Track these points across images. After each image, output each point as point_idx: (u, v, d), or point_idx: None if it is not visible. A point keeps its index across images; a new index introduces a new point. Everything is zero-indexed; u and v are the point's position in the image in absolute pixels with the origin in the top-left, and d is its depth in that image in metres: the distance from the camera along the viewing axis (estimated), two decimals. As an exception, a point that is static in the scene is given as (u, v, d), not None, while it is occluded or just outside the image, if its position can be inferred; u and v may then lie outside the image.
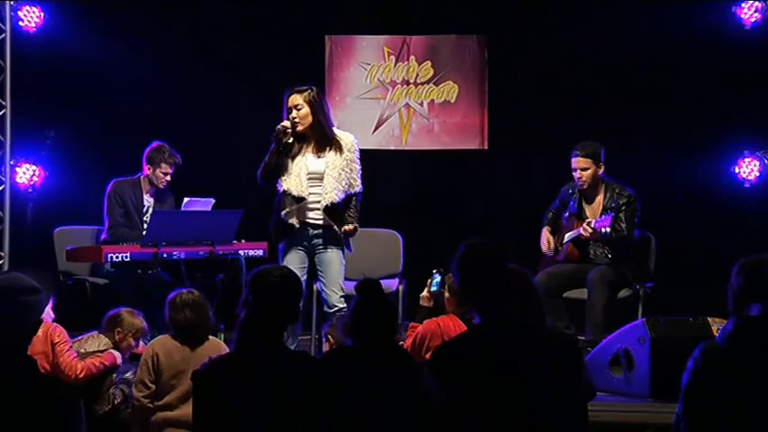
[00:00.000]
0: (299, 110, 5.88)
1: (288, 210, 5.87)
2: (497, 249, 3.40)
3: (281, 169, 5.92)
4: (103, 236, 6.79)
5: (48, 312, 5.10)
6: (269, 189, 6.01)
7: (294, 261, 5.87)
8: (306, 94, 5.90)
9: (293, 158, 5.91)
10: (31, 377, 2.86)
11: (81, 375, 4.94)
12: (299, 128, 5.89)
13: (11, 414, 2.77)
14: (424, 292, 5.20)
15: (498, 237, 7.66)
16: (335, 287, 5.90)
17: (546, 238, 6.73)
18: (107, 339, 5.17)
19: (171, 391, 4.59)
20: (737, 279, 3.37)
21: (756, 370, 3.18)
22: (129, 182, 6.88)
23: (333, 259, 5.93)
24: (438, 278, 5.11)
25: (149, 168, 6.81)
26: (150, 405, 4.61)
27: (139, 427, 4.70)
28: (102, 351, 5.12)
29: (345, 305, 5.71)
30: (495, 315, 3.25)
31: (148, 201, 6.88)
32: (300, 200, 5.88)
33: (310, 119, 5.90)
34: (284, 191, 5.90)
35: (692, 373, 3.26)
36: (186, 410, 4.44)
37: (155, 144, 6.83)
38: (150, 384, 4.61)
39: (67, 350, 4.97)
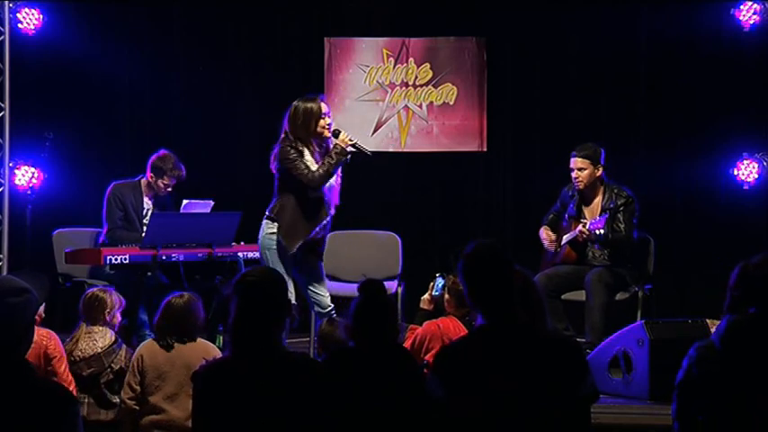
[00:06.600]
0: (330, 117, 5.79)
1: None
2: (505, 250, 3.39)
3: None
4: (102, 238, 6.78)
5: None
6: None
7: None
8: None
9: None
10: (27, 381, 2.83)
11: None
12: None
13: (5, 419, 2.76)
14: (426, 295, 5.19)
15: (497, 238, 7.68)
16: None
17: (546, 233, 6.68)
18: (105, 327, 5.11)
19: (155, 392, 4.66)
20: (736, 282, 3.38)
21: (750, 368, 3.20)
22: (128, 185, 6.83)
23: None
24: (441, 282, 5.09)
25: (152, 176, 6.73)
26: (136, 407, 4.70)
27: (128, 428, 4.77)
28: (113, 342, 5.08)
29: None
30: (501, 316, 3.24)
31: (148, 203, 6.83)
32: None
33: None
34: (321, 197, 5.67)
35: (686, 371, 3.29)
36: (174, 413, 4.59)
37: (162, 152, 6.72)
38: (135, 386, 4.71)
39: (65, 366, 4.95)
